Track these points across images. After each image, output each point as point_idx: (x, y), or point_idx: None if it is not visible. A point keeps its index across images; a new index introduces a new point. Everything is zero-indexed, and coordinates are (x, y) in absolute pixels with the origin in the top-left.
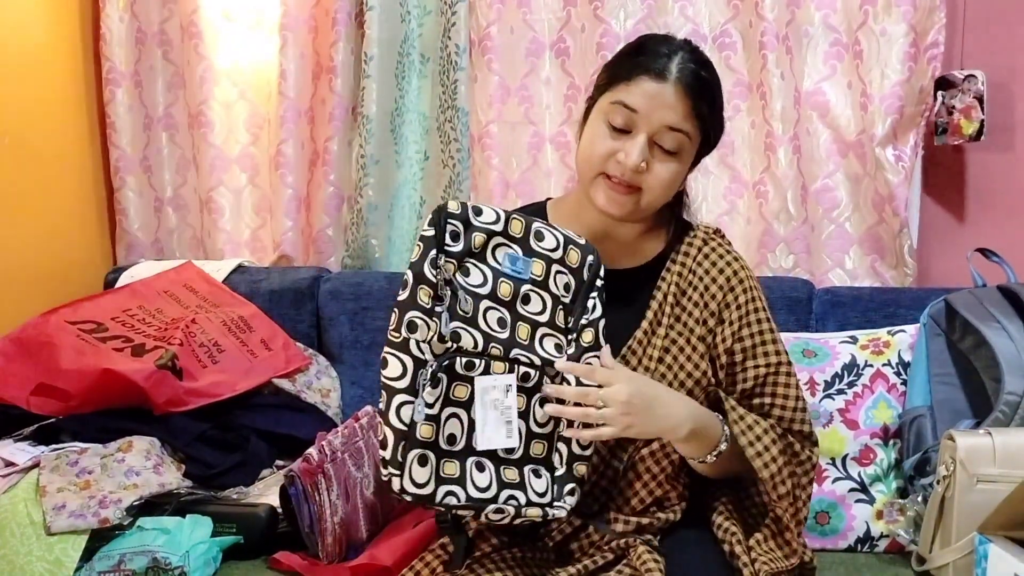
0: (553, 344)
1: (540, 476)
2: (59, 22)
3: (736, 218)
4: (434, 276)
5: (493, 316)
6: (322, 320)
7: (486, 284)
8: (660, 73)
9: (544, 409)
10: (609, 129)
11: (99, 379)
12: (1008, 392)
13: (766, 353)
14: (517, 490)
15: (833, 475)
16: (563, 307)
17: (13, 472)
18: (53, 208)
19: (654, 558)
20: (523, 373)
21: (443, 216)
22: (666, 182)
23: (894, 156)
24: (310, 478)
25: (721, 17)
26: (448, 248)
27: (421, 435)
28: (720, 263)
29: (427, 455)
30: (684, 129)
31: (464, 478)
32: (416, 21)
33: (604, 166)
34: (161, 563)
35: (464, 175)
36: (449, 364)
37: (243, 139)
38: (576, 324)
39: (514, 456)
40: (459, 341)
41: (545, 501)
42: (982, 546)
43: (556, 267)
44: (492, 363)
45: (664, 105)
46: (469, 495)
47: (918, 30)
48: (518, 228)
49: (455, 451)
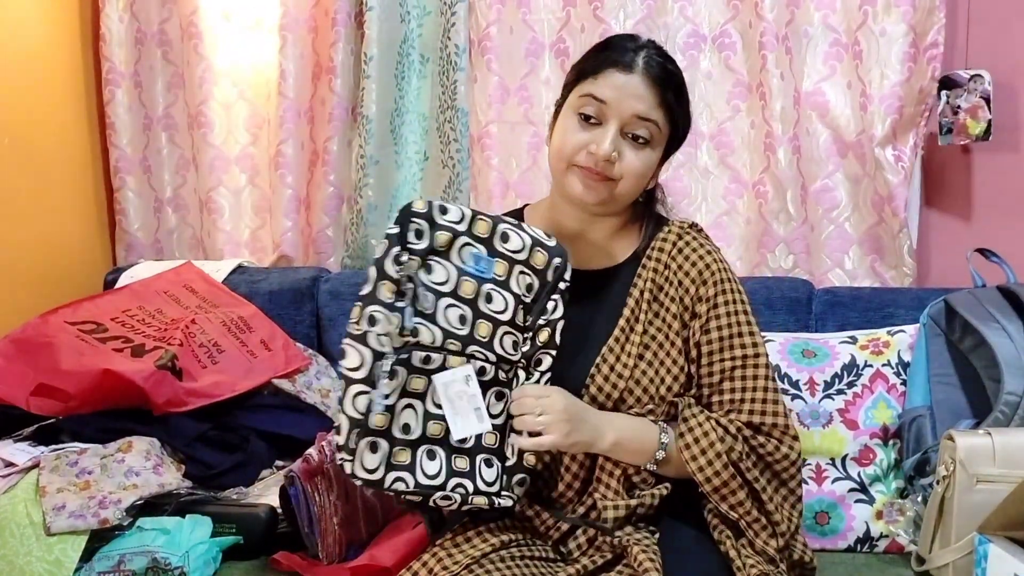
0: (511, 342)
1: (491, 466)
2: (59, 22)
3: (736, 218)
4: (396, 272)
5: (454, 313)
6: (322, 320)
7: (448, 282)
8: (627, 65)
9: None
10: (580, 121)
11: (99, 379)
12: (1008, 392)
13: (732, 347)
14: (466, 478)
15: (833, 475)
16: (523, 306)
17: (13, 472)
18: (53, 208)
19: (649, 557)
20: (479, 367)
21: (407, 215)
22: (638, 171)
23: (894, 156)
24: (310, 478)
25: (721, 17)
26: (411, 246)
27: (374, 424)
28: (693, 256)
29: (378, 442)
30: (653, 118)
31: (414, 465)
32: (416, 21)
33: (576, 157)
34: (161, 563)
35: (464, 175)
36: (406, 358)
37: (243, 139)
38: (534, 323)
39: (467, 445)
40: (417, 336)
41: (493, 490)
42: (982, 546)
43: (519, 268)
44: (449, 358)
45: (632, 95)
46: (418, 481)
47: (918, 30)
48: (483, 228)
49: (408, 440)
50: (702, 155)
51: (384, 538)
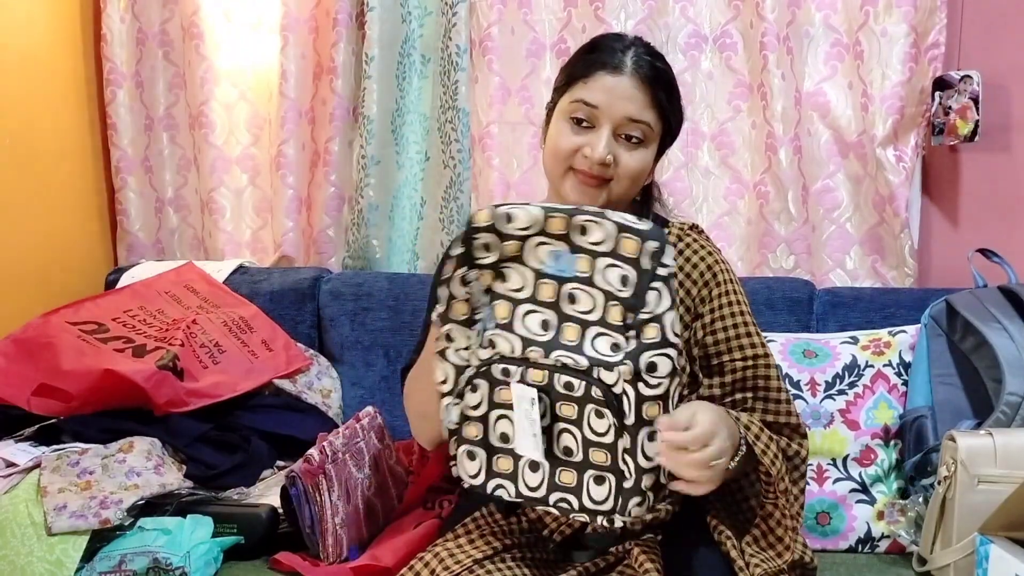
0: (609, 344)
1: (603, 483)
2: (60, 23)
3: (737, 219)
4: (466, 293)
5: (534, 319)
6: (323, 321)
7: (525, 288)
8: (616, 67)
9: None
10: (572, 126)
11: (100, 380)
12: (1009, 392)
13: (741, 347)
14: (570, 494)
15: (834, 476)
16: (620, 302)
17: (14, 472)
18: (54, 208)
19: (649, 558)
20: (565, 382)
21: (471, 232)
22: (633, 172)
23: (895, 156)
24: (311, 479)
25: (722, 17)
26: (480, 262)
27: (467, 434)
28: (695, 258)
29: (475, 451)
30: (645, 119)
31: (516, 474)
32: (417, 22)
33: (571, 161)
34: (162, 563)
35: (465, 175)
36: (486, 370)
37: (244, 140)
38: (636, 319)
39: (574, 459)
40: (496, 347)
41: (604, 508)
42: (983, 547)
43: (606, 260)
44: (530, 370)
45: (623, 97)
46: (519, 491)
47: (919, 31)
48: (559, 225)
49: (509, 448)
50: (703, 155)
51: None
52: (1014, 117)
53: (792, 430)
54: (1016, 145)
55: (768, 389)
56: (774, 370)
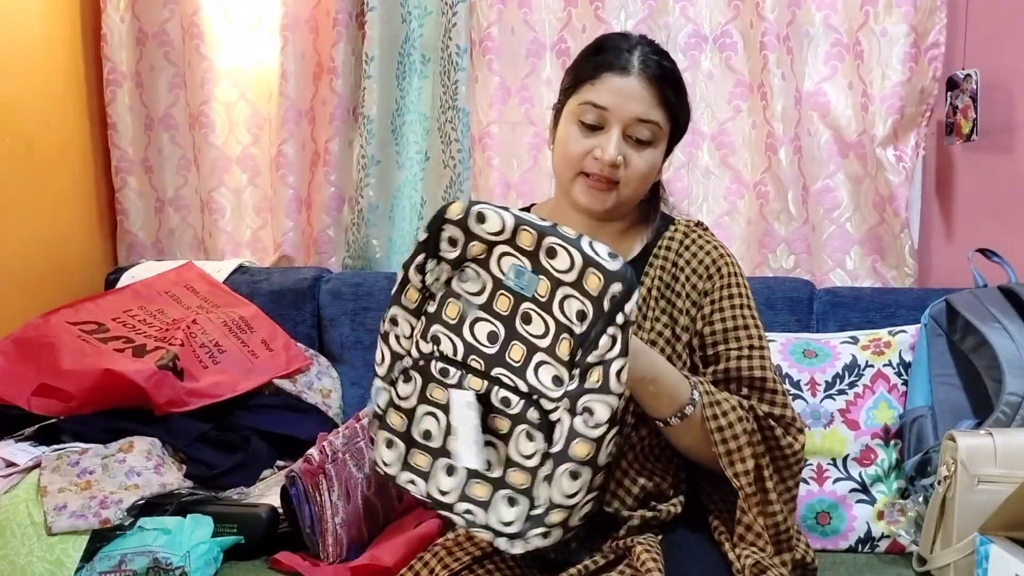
0: (550, 375)
1: (514, 505)
2: (60, 22)
3: (737, 218)
4: (420, 281)
5: (483, 328)
6: (323, 320)
7: (482, 293)
8: (624, 68)
9: None
10: (581, 128)
11: (100, 380)
12: (1009, 392)
13: (738, 338)
14: (479, 507)
15: (834, 475)
16: (571, 337)
17: (14, 472)
18: (54, 208)
19: (652, 557)
20: (503, 397)
21: (440, 221)
22: (643, 173)
23: (895, 156)
24: (311, 478)
25: (722, 17)
26: (443, 254)
27: (391, 422)
28: (700, 253)
29: (394, 441)
30: (654, 119)
31: (430, 474)
32: (417, 22)
33: (582, 164)
34: (162, 563)
35: (465, 175)
36: (424, 365)
37: (244, 139)
38: (583, 359)
39: (491, 474)
40: (439, 345)
41: (509, 531)
42: (983, 547)
43: (567, 291)
44: (469, 376)
45: (632, 98)
46: (429, 492)
47: (919, 31)
48: (528, 240)
49: (430, 447)
50: (703, 155)
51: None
52: (1015, 117)
53: (788, 422)
54: (1017, 145)
55: (764, 380)
56: (768, 362)
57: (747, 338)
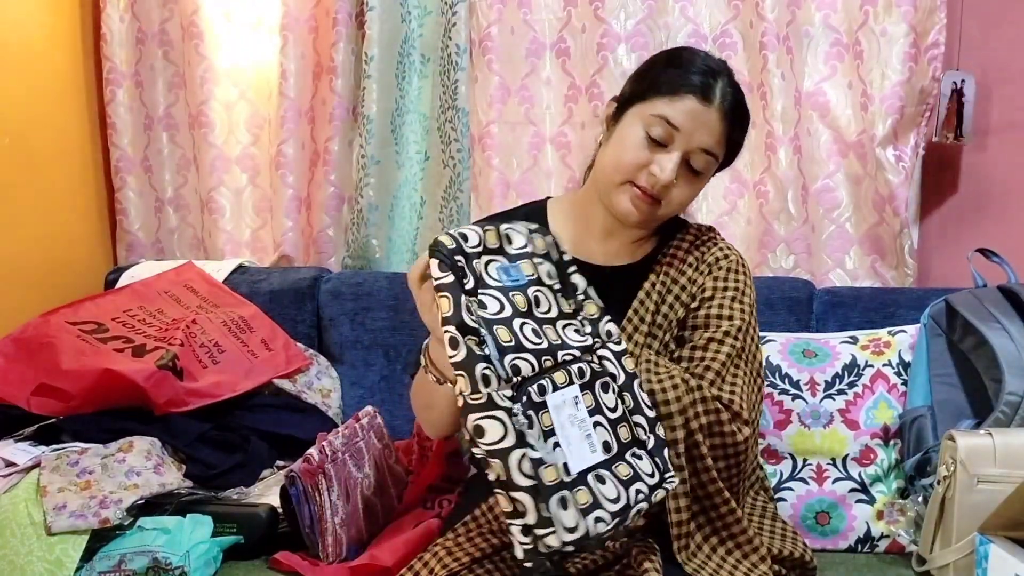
0: (573, 330)
1: (641, 457)
2: (59, 22)
3: (736, 218)
4: (472, 321)
5: (527, 329)
6: (322, 320)
7: (504, 307)
8: (706, 96)
9: None
10: (647, 140)
11: (100, 379)
12: (1008, 392)
13: (719, 326)
14: (639, 482)
15: (833, 475)
16: (559, 293)
17: (14, 472)
18: (53, 208)
19: (648, 558)
20: (578, 369)
21: (448, 256)
22: (685, 202)
23: (894, 156)
24: (311, 478)
25: (722, 17)
26: (467, 286)
27: (548, 480)
28: (707, 254)
29: (564, 496)
30: (716, 153)
31: (598, 499)
32: (416, 21)
33: (635, 175)
34: (161, 563)
35: (464, 175)
36: (526, 399)
37: (244, 139)
38: (576, 302)
39: (614, 452)
40: (520, 373)
41: (656, 480)
42: (983, 546)
43: (536, 259)
44: (553, 376)
45: (705, 127)
46: (610, 512)
47: (919, 30)
48: (493, 239)
49: (575, 479)
50: None
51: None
52: (1015, 117)
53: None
54: (1017, 145)
55: (723, 364)
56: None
57: (726, 326)
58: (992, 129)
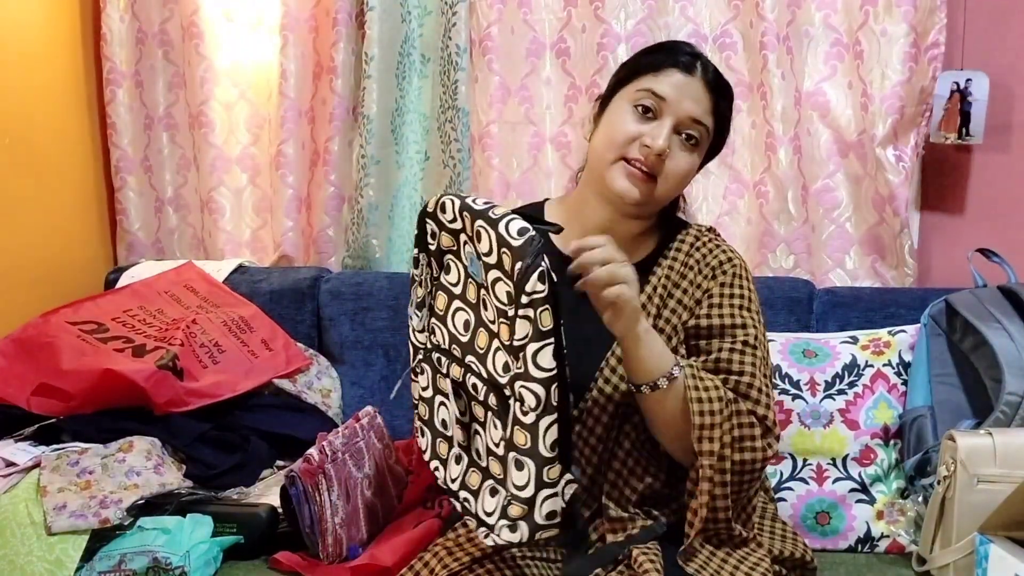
0: (502, 362)
1: (495, 495)
2: (60, 22)
3: (736, 218)
4: (416, 275)
5: (460, 317)
6: (322, 320)
7: (459, 284)
8: (688, 68)
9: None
10: (635, 113)
11: (100, 379)
12: (1009, 392)
13: (734, 335)
14: (472, 496)
15: (834, 475)
16: (506, 321)
17: (14, 472)
18: (54, 208)
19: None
20: (472, 383)
21: (422, 215)
22: (681, 174)
23: (894, 156)
24: (311, 478)
25: (722, 17)
26: (429, 246)
27: (420, 412)
28: (709, 256)
29: (424, 429)
30: (705, 123)
31: (447, 461)
32: (417, 21)
33: (627, 149)
34: (162, 563)
35: (465, 175)
36: (428, 356)
37: (244, 139)
38: (512, 343)
39: (481, 463)
40: (434, 335)
41: (489, 522)
42: (983, 546)
43: (495, 273)
44: (451, 364)
45: (691, 96)
46: (445, 479)
47: (919, 30)
48: (470, 226)
49: (446, 435)
50: None
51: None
52: (1015, 117)
53: (768, 427)
54: (1017, 145)
55: (754, 376)
56: (761, 361)
57: (743, 335)
58: (993, 129)
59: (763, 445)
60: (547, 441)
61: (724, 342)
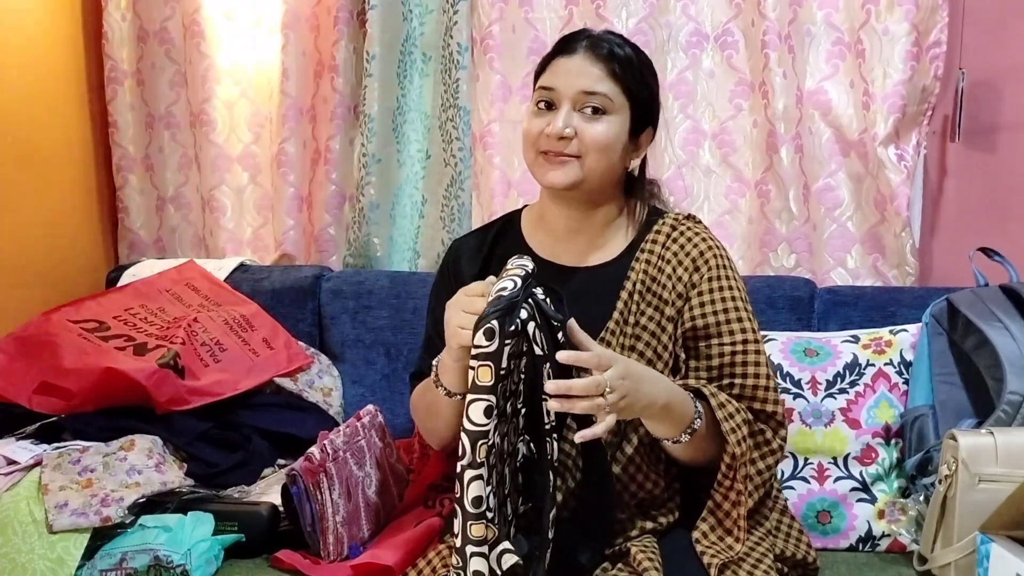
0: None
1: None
2: (61, 21)
3: (738, 217)
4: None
5: None
6: (324, 319)
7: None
8: (570, 51)
9: (549, 405)
10: (538, 111)
11: (101, 378)
12: (1010, 391)
13: (732, 332)
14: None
15: (835, 474)
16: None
17: (15, 470)
18: (55, 207)
19: (648, 556)
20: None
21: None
22: (600, 142)
23: (896, 155)
24: (312, 477)
25: (723, 16)
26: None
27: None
28: (688, 246)
29: None
30: (600, 90)
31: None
32: (418, 20)
33: (537, 144)
34: (163, 561)
35: (466, 174)
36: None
37: (245, 138)
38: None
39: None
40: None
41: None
42: (984, 546)
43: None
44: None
45: (577, 74)
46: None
47: (920, 29)
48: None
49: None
50: (704, 154)
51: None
52: (1015, 116)
53: (778, 423)
54: (1018, 144)
55: (758, 376)
56: (762, 356)
57: (740, 331)
58: (994, 128)
59: (777, 446)
60: (469, 495)
61: (723, 342)
